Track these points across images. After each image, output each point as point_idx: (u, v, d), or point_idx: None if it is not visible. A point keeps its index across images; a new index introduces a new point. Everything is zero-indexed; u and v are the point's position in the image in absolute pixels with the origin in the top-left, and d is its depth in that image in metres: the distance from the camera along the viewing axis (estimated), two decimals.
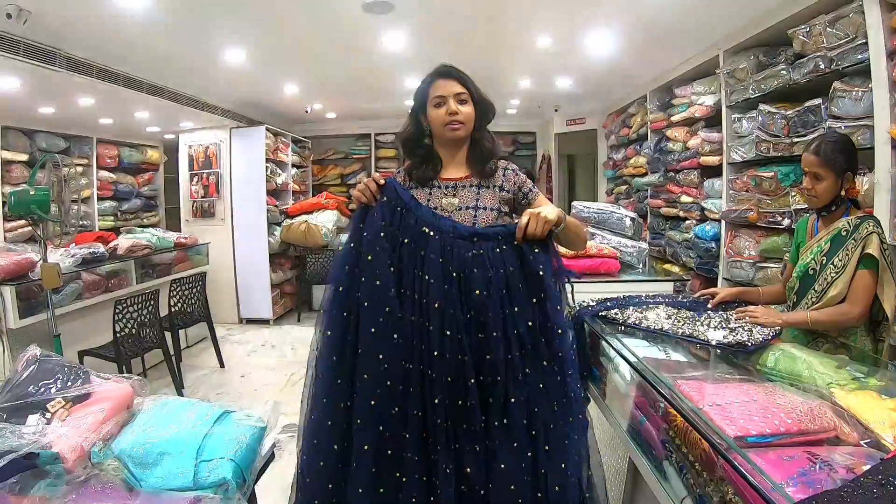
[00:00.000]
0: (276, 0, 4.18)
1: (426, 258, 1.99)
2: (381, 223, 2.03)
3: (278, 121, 9.63)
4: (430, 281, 1.96)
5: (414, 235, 2.02)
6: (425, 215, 2.07)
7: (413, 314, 1.95)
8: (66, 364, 2.24)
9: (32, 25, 4.19)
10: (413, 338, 1.94)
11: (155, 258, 6.45)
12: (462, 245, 2.02)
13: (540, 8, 4.47)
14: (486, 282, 1.96)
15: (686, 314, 2.69)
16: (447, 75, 2.23)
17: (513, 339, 1.94)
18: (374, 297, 1.97)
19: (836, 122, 3.64)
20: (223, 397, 5.42)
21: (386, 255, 1.99)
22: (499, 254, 2.01)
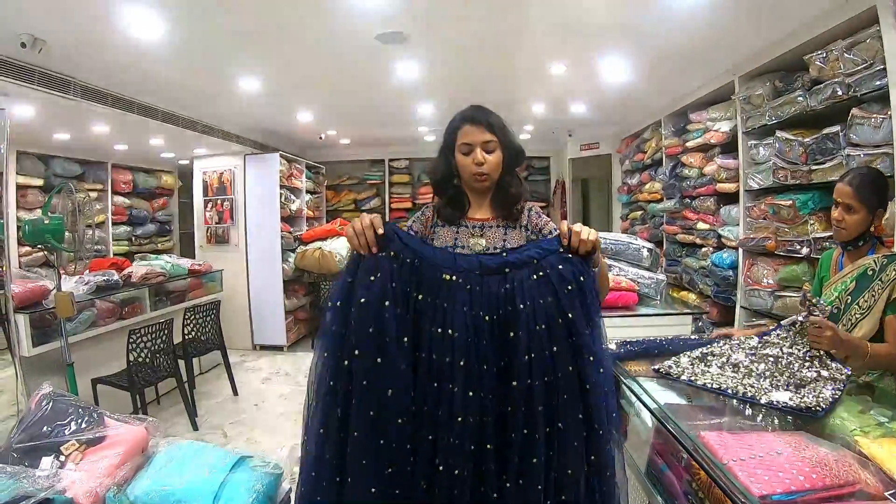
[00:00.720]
0: (290, 30, 4.18)
1: (448, 310, 1.74)
2: (390, 285, 1.75)
3: (292, 147, 9.67)
4: (453, 335, 1.71)
5: (431, 286, 1.77)
6: (443, 259, 1.84)
7: (431, 379, 1.71)
8: (80, 404, 2.21)
9: (47, 54, 4.21)
10: (426, 404, 1.71)
11: (169, 285, 6.43)
12: (492, 282, 1.79)
13: (554, 36, 4.45)
14: (525, 321, 1.72)
15: (741, 354, 2.44)
16: (475, 121, 2.12)
17: (553, 386, 1.71)
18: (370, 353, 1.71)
19: (855, 150, 3.60)
20: (236, 427, 5.38)
21: (388, 323, 1.71)
22: (535, 282, 1.77)
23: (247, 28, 4.13)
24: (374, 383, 1.68)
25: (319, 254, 8.31)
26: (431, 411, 1.69)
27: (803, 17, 3.92)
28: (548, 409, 1.69)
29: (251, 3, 3.69)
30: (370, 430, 1.67)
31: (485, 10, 3.93)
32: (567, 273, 1.78)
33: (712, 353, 2.51)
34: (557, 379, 1.70)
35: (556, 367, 1.70)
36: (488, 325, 1.74)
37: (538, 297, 1.75)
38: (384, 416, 1.67)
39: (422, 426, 1.69)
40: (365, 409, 1.68)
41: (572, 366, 1.71)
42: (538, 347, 1.70)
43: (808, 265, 4.26)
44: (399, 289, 1.75)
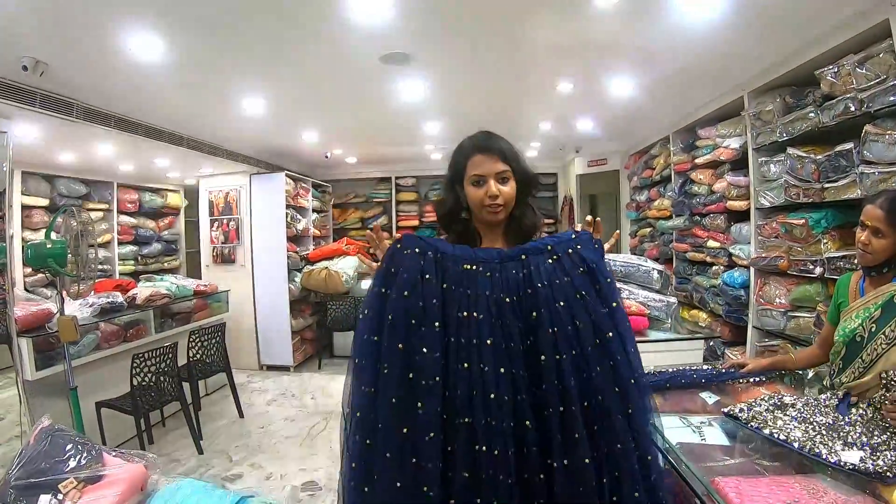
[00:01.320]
0: (294, 51, 4.14)
1: (471, 295, 1.79)
2: (417, 276, 1.80)
3: (298, 165, 9.65)
4: (478, 317, 1.75)
5: (454, 277, 1.82)
6: (463, 252, 1.87)
7: (460, 360, 1.71)
8: (79, 439, 2.17)
9: (49, 77, 4.20)
10: (458, 387, 1.69)
11: (174, 307, 6.39)
12: (510, 267, 1.83)
13: (561, 55, 4.40)
14: (545, 300, 1.76)
15: (823, 417, 2.30)
16: (488, 151, 2.01)
17: (582, 360, 1.72)
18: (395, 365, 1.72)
19: (870, 168, 3.50)
20: (241, 451, 5.31)
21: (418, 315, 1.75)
22: (551, 265, 1.82)
23: (250, 50, 4.10)
24: (417, 376, 1.69)
25: (326, 273, 8.30)
26: (465, 394, 1.68)
27: (814, 31, 3.84)
28: (581, 383, 1.69)
29: (253, 26, 3.66)
30: (401, 417, 1.67)
31: (489, 30, 3.89)
32: (577, 258, 1.84)
33: (793, 405, 2.42)
34: (585, 353, 1.71)
35: (581, 341, 1.72)
36: (510, 306, 1.77)
37: (555, 279, 1.79)
38: (417, 399, 1.68)
39: (457, 410, 1.67)
40: (397, 395, 1.69)
41: (599, 339, 1.73)
42: (560, 322, 1.73)
43: (821, 285, 4.17)
44: (427, 279, 1.79)
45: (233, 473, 4.84)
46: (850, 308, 2.59)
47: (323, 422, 6.09)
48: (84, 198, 7.92)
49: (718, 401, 2.70)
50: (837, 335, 2.58)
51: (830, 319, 2.76)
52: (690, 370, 2.97)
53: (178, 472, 4.84)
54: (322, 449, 5.35)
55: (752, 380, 2.93)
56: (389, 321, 1.74)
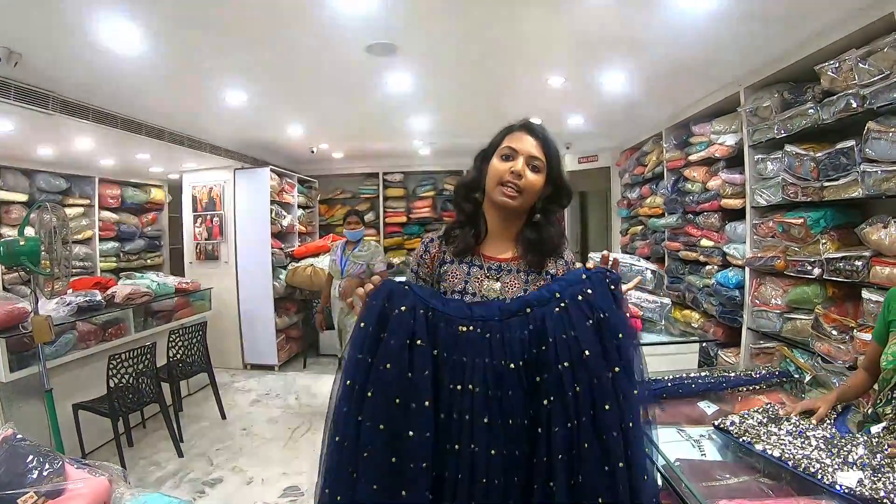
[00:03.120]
0: (275, 42, 4.03)
1: (466, 364, 1.58)
2: (407, 341, 1.59)
3: (284, 160, 9.52)
4: (473, 391, 1.56)
5: (447, 340, 1.61)
6: (457, 310, 1.66)
7: (450, 440, 1.55)
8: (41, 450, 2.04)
9: (23, 68, 4.08)
10: (446, 468, 1.54)
11: (155, 305, 6.24)
12: (513, 325, 1.62)
13: (552, 48, 4.30)
14: (551, 361, 1.56)
15: (821, 431, 2.12)
16: (530, 131, 1.90)
17: (574, 433, 1.52)
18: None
19: (872, 166, 3.41)
20: (223, 453, 5.18)
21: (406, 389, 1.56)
22: (558, 315, 1.60)
23: (231, 40, 3.98)
24: (402, 462, 1.52)
25: (311, 270, 8.19)
26: (452, 477, 1.52)
27: (814, 25, 3.74)
28: (569, 460, 1.50)
29: (234, 15, 3.54)
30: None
31: (479, 21, 3.77)
32: (586, 307, 1.60)
33: (788, 418, 2.25)
34: (581, 425, 1.51)
35: (579, 411, 1.52)
36: (514, 373, 1.57)
37: (561, 333, 1.57)
38: (402, 488, 1.51)
39: (443, 494, 1.53)
40: (383, 485, 1.52)
41: (594, 411, 1.51)
42: (559, 389, 1.53)
43: (819, 286, 4.08)
44: (418, 345, 1.59)
45: (213, 478, 4.71)
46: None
47: (306, 423, 5.97)
48: (64, 193, 7.74)
49: (718, 410, 2.59)
50: (886, 361, 2.28)
51: (877, 338, 2.45)
52: (688, 378, 2.85)
53: (158, 475, 4.74)
54: (305, 452, 5.23)
55: (752, 388, 2.82)
56: (369, 398, 1.57)
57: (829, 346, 3.79)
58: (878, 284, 3.40)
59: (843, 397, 2.44)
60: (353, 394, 1.58)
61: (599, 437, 1.49)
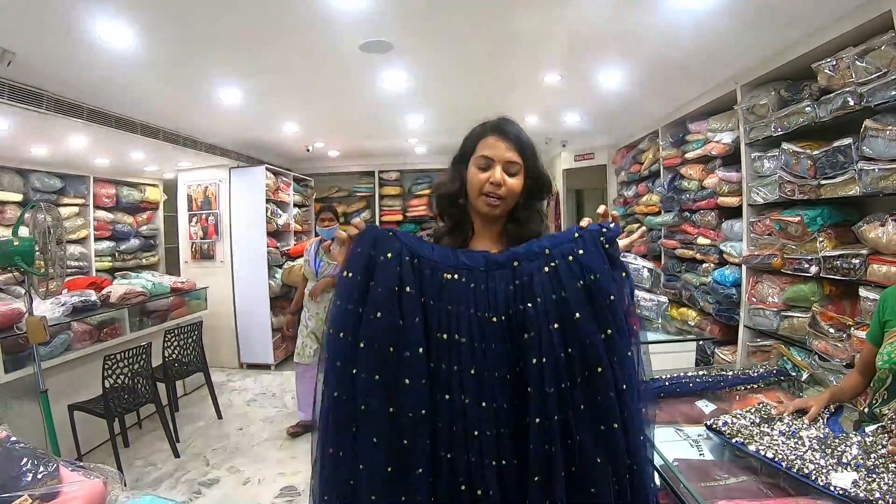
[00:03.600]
0: (269, 40, 4.00)
1: (452, 313, 1.54)
2: (394, 288, 1.54)
3: (279, 159, 9.50)
4: (460, 341, 1.52)
5: (433, 288, 1.56)
6: (443, 257, 1.61)
7: (441, 391, 1.51)
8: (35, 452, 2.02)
9: (17, 67, 4.03)
10: (440, 419, 1.50)
11: (150, 305, 6.21)
12: (499, 278, 1.58)
13: (547, 45, 4.28)
14: (537, 320, 1.51)
15: (814, 431, 2.11)
16: (503, 134, 1.83)
17: (570, 395, 1.49)
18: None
19: (869, 164, 3.39)
20: (219, 454, 5.16)
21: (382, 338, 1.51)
22: (546, 275, 1.55)
23: (225, 38, 3.96)
24: (400, 411, 1.49)
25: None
26: (446, 427, 1.49)
27: (811, 22, 3.73)
28: (564, 421, 1.47)
29: (228, 12, 3.51)
30: (387, 456, 1.49)
31: (474, 18, 3.76)
32: (577, 267, 1.56)
33: (780, 418, 2.23)
34: (574, 387, 1.49)
35: (572, 373, 1.49)
36: (497, 327, 1.53)
37: (550, 293, 1.53)
38: (403, 437, 1.49)
39: (439, 443, 1.49)
40: (383, 434, 1.50)
41: (588, 372, 1.49)
42: (550, 349, 1.48)
43: (816, 284, 4.07)
44: (408, 292, 1.54)
45: (209, 478, 4.69)
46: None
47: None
48: (59, 192, 7.70)
49: (716, 409, 2.57)
50: (882, 361, 2.27)
51: (872, 339, 2.45)
52: (685, 377, 2.84)
53: (154, 476, 4.72)
54: (302, 451, 5.21)
55: (750, 387, 2.81)
56: (362, 348, 1.52)
57: (827, 344, 3.78)
58: (876, 282, 3.39)
59: (836, 398, 2.42)
60: (346, 345, 1.54)
61: (594, 400, 1.49)
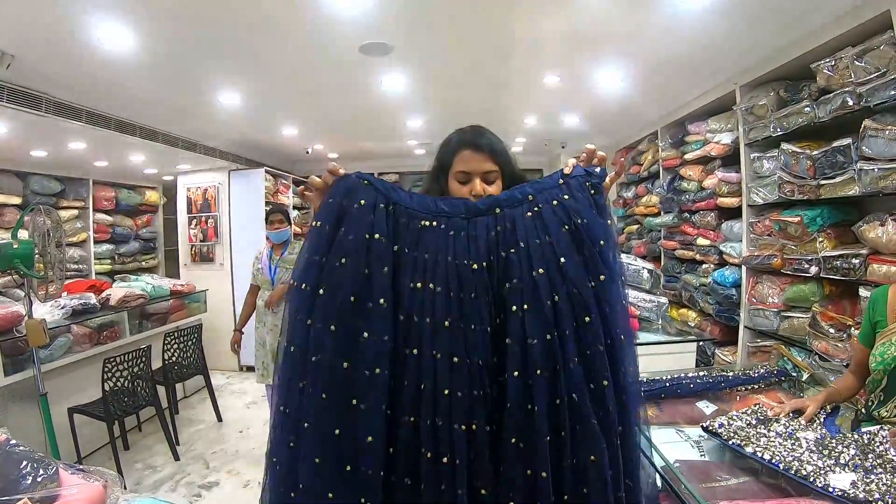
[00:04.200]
0: (269, 42, 4.01)
1: (428, 261, 1.46)
2: (366, 235, 1.46)
3: (279, 161, 9.49)
4: (434, 290, 1.43)
5: (407, 236, 1.49)
6: (421, 204, 1.54)
7: (409, 346, 1.41)
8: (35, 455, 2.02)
9: (16, 69, 4.04)
10: (405, 376, 1.40)
11: (150, 308, 6.20)
12: (479, 225, 1.50)
13: (546, 47, 4.28)
14: (519, 266, 1.43)
15: (812, 433, 2.08)
16: (476, 147, 1.79)
17: (555, 346, 1.38)
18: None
19: (868, 164, 3.39)
20: (219, 457, 5.15)
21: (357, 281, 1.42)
22: (530, 219, 1.49)
23: (223, 40, 3.96)
24: (355, 365, 1.38)
25: None
26: (412, 386, 1.38)
27: (810, 23, 3.73)
28: (552, 377, 1.37)
29: (226, 15, 3.51)
30: (337, 417, 1.37)
31: (473, 20, 3.76)
32: (562, 212, 1.49)
33: (777, 419, 2.21)
34: (563, 337, 1.38)
35: (559, 323, 1.39)
36: (477, 274, 1.45)
37: (534, 238, 1.46)
38: (352, 396, 1.37)
39: (401, 406, 1.38)
40: (341, 398, 1.38)
41: (577, 322, 1.40)
42: (534, 296, 1.40)
43: (816, 285, 4.07)
44: (377, 239, 1.46)
45: (209, 481, 4.68)
46: (890, 330, 2.28)
47: None
48: (58, 195, 7.71)
49: (717, 410, 2.57)
50: (875, 362, 2.27)
51: (863, 340, 2.43)
52: (686, 378, 2.83)
53: (154, 479, 4.71)
54: None
55: (750, 387, 2.81)
56: (321, 295, 1.42)
57: (827, 344, 3.77)
58: (876, 282, 3.38)
59: (832, 398, 2.41)
60: (306, 296, 1.45)
61: (582, 352, 1.40)
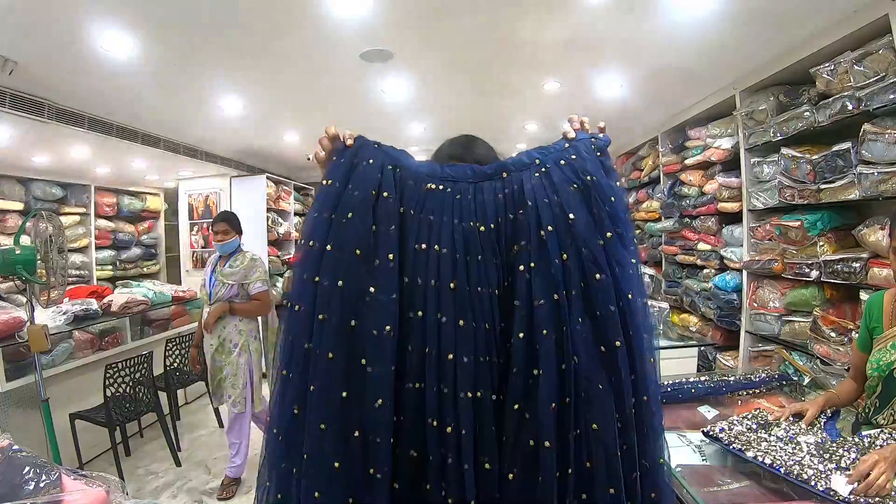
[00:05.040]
0: (270, 49, 4.02)
1: (434, 222, 1.35)
2: (372, 192, 1.35)
3: (280, 168, 9.51)
4: (440, 251, 1.32)
5: (413, 198, 1.38)
6: (428, 169, 1.43)
7: (414, 307, 1.30)
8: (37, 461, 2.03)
9: (18, 76, 4.06)
10: (410, 341, 1.28)
11: (151, 313, 6.21)
12: (486, 188, 1.39)
13: (547, 53, 4.29)
14: (527, 227, 1.31)
15: (812, 437, 2.09)
16: (462, 160, 1.64)
17: (564, 307, 1.25)
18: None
19: (868, 168, 3.40)
20: (221, 462, 5.12)
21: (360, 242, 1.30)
22: (538, 180, 1.36)
23: (225, 47, 3.97)
24: (362, 324, 1.28)
25: None
26: (417, 351, 1.27)
27: (809, 28, 3.74)
28: (559, 338, 1.24)
29: (228, 23, 3.53)
30: (343, 377, 1.27)
31: (474, 26, 3.77)
32: (570, 171, 1.37)
33: (777, 423, 2.22)
34: (569, 296, 1.26)
35: (567, 281, 1.27)
36: (485, 237, 1.33)
37: (543, 197, 1.34)
38: (362, 355, 1.27)
39: (407, 372, 1.28)
40: (349, 360, 1.26)
41: (585, 282, 1.28)
42: (543, 256, 1.29)
43: (817, 289, 4.07)
44: (385, 197, 1.36)
45: (211, 487, 4.68)
46: (885, 336, 2.28)
47: None
48: (60, 201, 7.74)
49: (718, 415, 2.57)
50: (871, 369, 2.28)
51: (861, 345, 2.45)
52: (687, 383, 2.84)
53: (155, 485, 4.71)
54: None
55: (752, 392, 2.81)
56: (328, 252, 1.33)
57: (828, 348, 3.77)
58: (876, 286, 3.39)
59: (831, 403, 2.41)
60: (314, 255, 1.35)
61: (591, 313, 1.27)
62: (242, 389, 4.59)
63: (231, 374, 4.60)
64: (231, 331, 4.64)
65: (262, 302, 4.74)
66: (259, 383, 4.80)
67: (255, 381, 4.72)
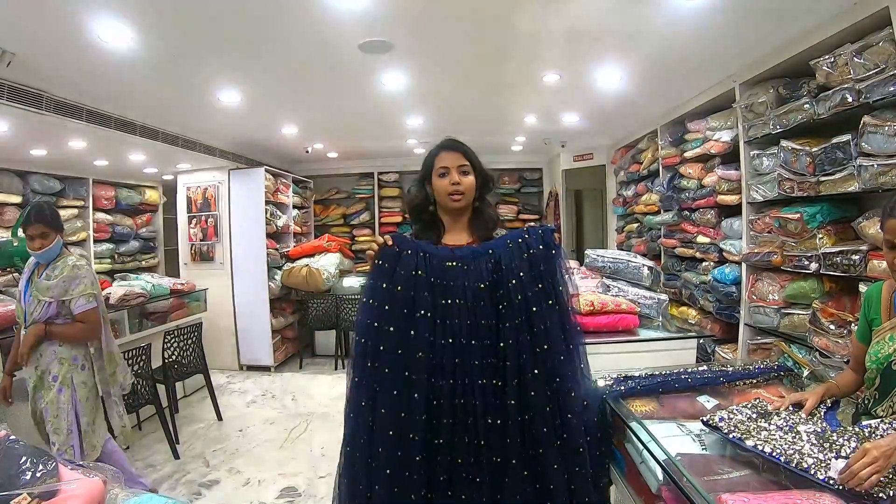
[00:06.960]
0: (268, 40, 4.01)
1: (453, 287, 2.29)
2: (413, 272, 2.28)
3: (278, 160, 9.50)
4: (459, 303, 2.27)
5: (438, 271, 2.31)
6: (444, 253, 2.39)
7: (445, 337, 2.24)
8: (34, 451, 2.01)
9: (16, 67, 4.02)
10: (444, 356, 2.23)
11: (150, 306, 6.20)
12: (483, 260, 2.35)
13: (546, 45, 4.28)
14: (507, 278, 2.28)
15: (812, 426, 2.07)
16: (451, 149, 2.52)
17: (534, 318, 2.26)
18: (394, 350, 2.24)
19: (868, 160, 3.39)
20: (219, 455, 5.16)
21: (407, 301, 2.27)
22: (509, 249, 2.34)
23: (224, 38, 3.95)
24: (406, 351, 2.22)
25: (307, 271, 8.18)
26: (450, 361, 2.23)
27: (809, 20, 3.72)
28: (533, 337, 2.25)
29: (226, 13, 3.51)
30: (395, 382, 2.21)
31: (473, 18, 3.75)
32: (524, 245, 2.36)
33: (777, 412, 2.21)
34: (520, 322, 2.25)
35: (520, 312, 2.26)
36: (483, 291, 2.30)
37: (510, 262, 2.31)
38: (406, 369, 2.22)
39: (443, 374, 2.22)
40: (399, 372, 2.22)
41: (527, 313, 2.26)
42: (509, 299, 2.27)
43: (816, 281, 4.07)
44: (419, 274, 2.29)
45: (209, 479, 4.69)
46: (883, 328, 2.26)
47: (303, 424, 5.96)
48: (58, 194, 7.69)
49: (718, 405, 2.56)
50: (870, 360, 2.25)
51: (860, 337, 2.43)
52: (686, 373, 2.83)
53: (154, 477, 4.72)
54: (302, 453, 5.22)
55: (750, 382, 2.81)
56: (386, 310, 2.25)
57: (827, 340, 3.76)
58: (876, 278, 3.36)
59: (831, 393, 2.41)
60: (373, 309, 2.27)
61: (532, 330, 2.25)
62: (67, 435, 3.69)
63: (51, 415, 3.70)
64: (49, 360, 3.77)
65: (88, 324, 3.83)
66: (92, 425, 3.87)
67: (82, 424, 3.79)
